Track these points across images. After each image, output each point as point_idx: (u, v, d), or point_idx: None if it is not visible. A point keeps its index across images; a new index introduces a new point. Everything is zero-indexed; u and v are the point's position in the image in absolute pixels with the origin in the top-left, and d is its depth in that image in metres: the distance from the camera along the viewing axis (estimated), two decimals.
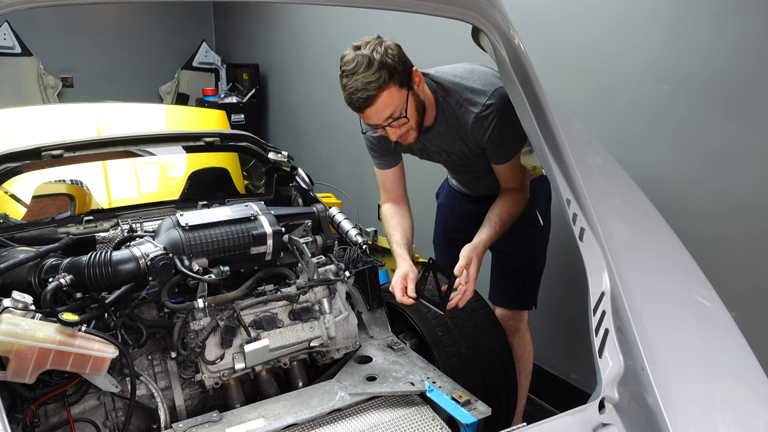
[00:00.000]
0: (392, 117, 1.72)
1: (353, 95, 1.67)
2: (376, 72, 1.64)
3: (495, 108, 1.79)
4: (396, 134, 1.78)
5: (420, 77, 1.78)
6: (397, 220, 2.05)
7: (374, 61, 1.64)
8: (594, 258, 1.43)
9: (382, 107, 1.69)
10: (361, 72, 1.64)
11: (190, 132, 2.53)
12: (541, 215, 2.20)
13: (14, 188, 2.80)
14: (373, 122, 1.74)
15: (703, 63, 2.04)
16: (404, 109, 1.72)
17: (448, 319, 2.00)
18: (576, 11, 2.48)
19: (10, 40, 6.69)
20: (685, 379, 1.28)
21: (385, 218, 2.09)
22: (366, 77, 1.64)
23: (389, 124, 1.74)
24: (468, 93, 1.83)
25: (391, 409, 1.57)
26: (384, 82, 1.65)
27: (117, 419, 1.60)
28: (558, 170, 1.52)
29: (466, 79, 1.86)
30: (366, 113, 1.71)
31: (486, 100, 1.80)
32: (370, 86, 1.64)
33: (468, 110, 1.82)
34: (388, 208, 2.10)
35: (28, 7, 1.09)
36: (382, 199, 2.13)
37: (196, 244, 1.72)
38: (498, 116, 1.79)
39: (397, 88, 1.68)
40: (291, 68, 5.70)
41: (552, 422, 1.24)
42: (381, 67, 1.64)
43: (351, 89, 1.67)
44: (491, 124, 1.81)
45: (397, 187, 2.11)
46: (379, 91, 1.65)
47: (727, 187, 2.04)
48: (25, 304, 1.42)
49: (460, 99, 1.84)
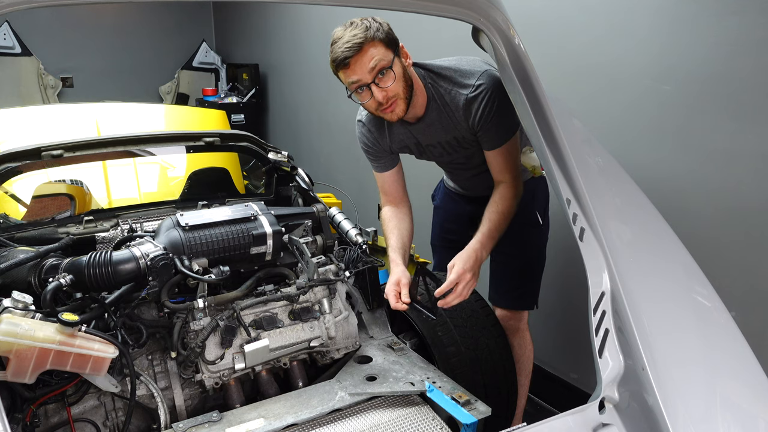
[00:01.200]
0: (378, 70, 1.70)
1: (340, 54, 1.68)
2: (362, 31, 1.68)
3: (484, 88, 1.79)
4: (383, 96, 1.74)
5: (407, 55, 1.79)
6: (395, 224, 2.03)
7: (361, 24, 1.70)
8: (594, 258, 1.43)
9: (368, 59, 1.69)
10: (348, 32, 1.69)
11: (190, 132, 2.53)
12: (540, 215, 2.21)
13: (14, 188, 2.80)
14: (358, 76, 1.71)
15: (704, 63, 2.04)
16: (391, 64, 1.71)
17: (448, 319, 2.00)
18: (576, 11, 2.48)
19: (10, 40, 6.69)
20: (685, 379, 1.28)
21: (384, 221, 2.07)
22: (353, 33, 1.68)
23: (374, 78, 1.71)
24: (457, 76, 1.84)
25: (391, 409, 1.57)
26: (370, 37, 1.68)
27: (117, 419, 1.60)
28: (558, 170, 1.51)
29: (455, 63, 1.87)
30: (351, 67, 1.69)
31: (475, 81, 1.81)
32: (356, 38, 1.67)
33: (458, 93, 1.83)
34: (387, 210, 2.08)
35: (28, 7, 1.09)
36: (382, 202, 2.12)
37: (196, 244, 1.72)
38: (488, 96, 1.79)
39: (384, 47, 1.70)
40: (291, 68, 5.70)
41: (552, 422, 1.24)
42: (368, 28, 1.69)
43: (339, 49, 1.69)
44: (481, 104, 1.80)
45: (395, 189, 2.09)
46: (365, 43, 1.67)
47: (727, 187, 2.04)
48: (25, 304, 1.42)
49: (449, 83, 1.84)
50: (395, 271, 1.85)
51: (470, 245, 1.79)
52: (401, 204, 2.09)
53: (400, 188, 2.10)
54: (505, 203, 1.86)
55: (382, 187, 2.11)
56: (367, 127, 2.02)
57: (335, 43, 1.71)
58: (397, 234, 1.99)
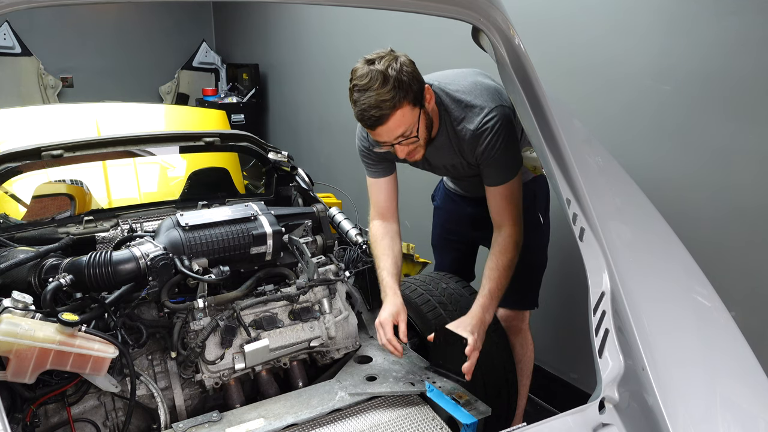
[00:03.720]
0: (403, 136, 1.66)
1: (365, 112, 1.60)
2: (391, 90, 1.57)
3: (491, 125, 1.74)
4: (404, 152, 1.73)
5: (431, 95, 1.72)
6: (387, 244, 1.91)
7: (389, 78, 1.57)
8: (594, 258, 1.43)
9: (395, 126, 1.62)
10: (375, 89, 1.57)
11: (190, 132, 2.53)
12: (542, 215, 2.20)
13: (14, 188, 2.80)
14: (383, 140, 1.68)
15: (704, 63, 2.04)
16: (416, 128, 1.67)
17: (448, 319, 1.99)
18: (576, 11, 2.48)
19: (10, 40, 6.69)
20: (685, 379, 1.28)
21: (375, 239, 1.95)
22: (380, 95, 1.57)
23: (399, 142, 1.68)
24: (468, 110, 1.78)
25: (391, 409, 1.57)
26: (399, 101, 1.58)
27: (117, 419, 1.60)
28: (558, 170, 1.51)
29: (467, 93, 1.80)
30: (377, 131, 1.65)
31: (483, 117, 1.75)
32: (384, 105, 1.57)
33: (465, 126, 1.78)
34: (378, 227, 1.96)
35: (28, 7, 1.09)
36: (372, 214, 2.00)
37: (196, 244, 1.72)
38: (494, 133, 1.74)
39: (411, 107, 1.62)
40: (291, 68, 5.70)
41: (552, 422, 1.24)
42: (396, 85, 1.57)
43: (363, 105, 1.59)
44: (486, 140, 1.75)
45: (388, 199, 1.98)
46: (393, 110, 1.59)
47: (727, 187, 2.04)
48: (25, 304, 1.42)
49: (460, 113, 1.79)
50: (394, 301, 1.76)
51: (473, 311, 1.72)
52: (392, 219, 1.99)
53: (392, 199, 2.00)
54: (506, 257, 1.78)
55: (374, 197, 2.00)
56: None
57: (358, 91, 1.60)
58: (391, 257, 1.89)
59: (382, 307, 1.77)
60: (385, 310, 1.75)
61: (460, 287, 2.14)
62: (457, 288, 2.13)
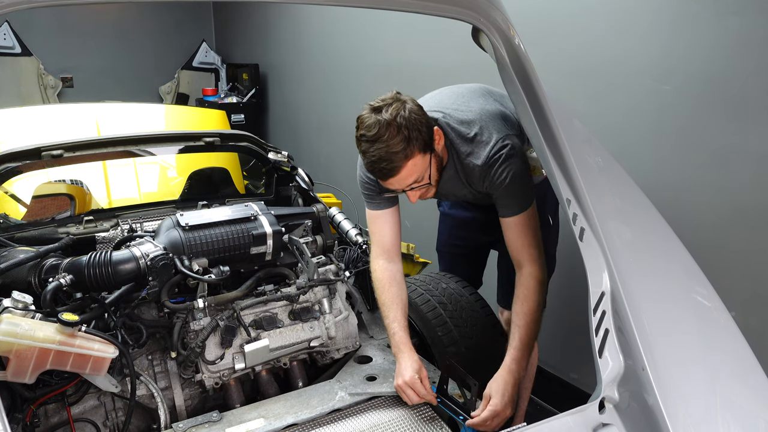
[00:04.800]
0: (416, 182, 1.62)
1: (376, 164, 1.54)
2: (401, 141, 1.51)
3: (498, 158, 1.68)
4: (416, 196, 1.69)
5: (440, 136, 1.66)
6: (395, 292, 1.77)
7: (399, 128, 1.51)
8: (594, 258, 1.43)
9: (407, 175, 1.57)
10: (384, 140, 1.50)
11: (190, 132, 2.54)
12: (551, 217, 2.17)
13: (14, 188, 2.80)
14: (395, 188, 1.63)
15: (704, 63, 2.04)
16: (428, 174, 1.62)
17: (448, 319, 2.00)
18: (576, 11, 2.48)
19: (10, 40, 6.69)
20: (685, 379, 1.28)
21: (381, 284, 1.80)
22: (390, 146, 1.50)
23: (411, 188, 1.63)
24: (474, 145, 1.71)
25: (391, 409, 1.57)
26: (410, 152, 1.53)
27: (117, 419, 1.60)
28: (558, 170, 1.51)
29: (474, 125, 1.72)
30: (388, 181, 1.59)
31: (490, 150, 1.69)
32: (396, 156, 1.52)
33: (472, 162, 1.72)
34: (384, 270, 1.81)
35: (28, 7, 1.09)
36: (374, 253, 1.86)
37: (196, 244, 1.72)
38: (502, 167, 1.68)
39: (422, 155, 1.57)
40: (291, 68, 5.70)
41: (552, 422, 1.24)
42: (406, 136, 1.51)
43: (374, 158, 1.52)
44: (494, 173, 1.69)
45: (393, 234, 1.84)
46: (405, 161, 1.53)
47: (727, 188, 2.04)
48: (25, 304, 1.42)
49: (466, 150, 1.72)
50: (413, 358, 1.64)
51: (504, 368, 1.60)
52: (396, 258, 1.85)
53: (397, 234, 1.87)
54: (532, 302, 1.67)
55: (378, 232, 1.85)
56: None
57: (367, 141, 1.53)
58: (401, 308, 1.76)
59: (399, 365, 1.64)
60: (407, 369, 1.60)
61: (460, 287, 2.14)
62: (457, 288, 2.13)
